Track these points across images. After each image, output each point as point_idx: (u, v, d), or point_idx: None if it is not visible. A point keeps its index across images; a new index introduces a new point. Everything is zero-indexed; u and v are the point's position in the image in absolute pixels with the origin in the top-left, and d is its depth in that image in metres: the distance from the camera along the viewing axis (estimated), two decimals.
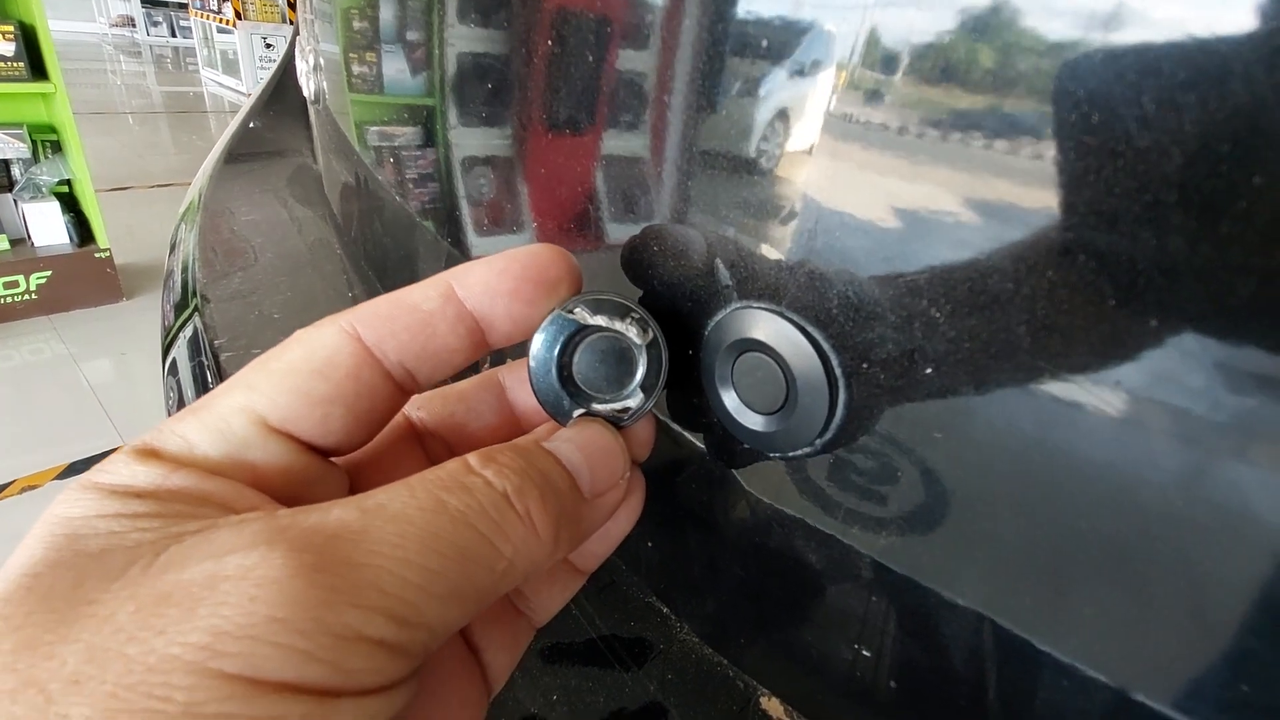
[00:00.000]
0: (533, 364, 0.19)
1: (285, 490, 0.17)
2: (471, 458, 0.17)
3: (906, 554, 0.19)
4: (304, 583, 0.13)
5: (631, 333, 0.20)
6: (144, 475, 0.15)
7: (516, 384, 0.23)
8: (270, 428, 0.17)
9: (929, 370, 0.16)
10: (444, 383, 0.21)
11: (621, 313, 0.19)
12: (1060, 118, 0.13)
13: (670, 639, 0.30)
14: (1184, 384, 0.13)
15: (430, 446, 0.22)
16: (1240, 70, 0.11)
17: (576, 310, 0.19)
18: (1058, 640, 0.16)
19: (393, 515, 0.15)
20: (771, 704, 0.27)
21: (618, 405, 0.20)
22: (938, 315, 0.15)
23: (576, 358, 0.20)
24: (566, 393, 0.20)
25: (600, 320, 0.19)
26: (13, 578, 0.13)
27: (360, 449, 0.19)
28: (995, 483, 0.16)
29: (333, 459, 0.19)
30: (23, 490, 1.59)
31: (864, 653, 0.21)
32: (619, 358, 0.20)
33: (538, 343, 0.19)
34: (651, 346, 0.20)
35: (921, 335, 0.15)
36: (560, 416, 0.20)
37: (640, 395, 0.20)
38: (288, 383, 0.17)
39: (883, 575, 0.20)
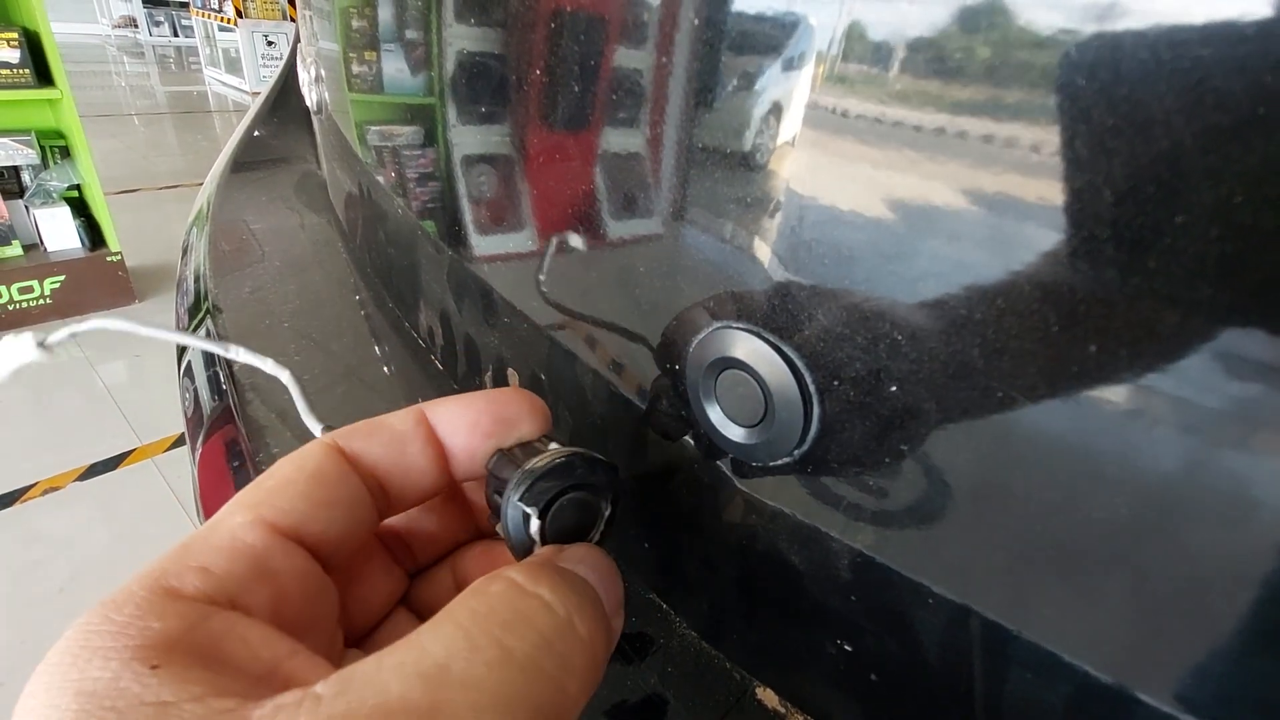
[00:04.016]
0: (513, 539, 0.20)
1: (301, 602, 0.17)
2: (517, 576, 0.16)
3: (885, 549, 0.20)
4: None
5: (597, 481, 0.20)
6: (163, 626, 0.14)
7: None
8: (282, 534, 0.17)
9: (894, 388, 0.17)
10: None
11: (587, 470, 0.20)
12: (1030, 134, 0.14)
13: (670, 633, 0.31)
14: (1138, 398, 0.14)
15: (386, 539, 0.23)
16: (1206, 89, 0.12)
17: (545, 481, 0.19)
18: (1034, 631, 0.17)
19: (459, 681, 0.13)
20: (766, 694, 0.28)
21: (591, 538, 0.21)
22: (900, 338, 0.16)
23: (549, 522, 0.20)
24: (543, 543, 0.20)
25: (569, 483, 0.20)
26: None
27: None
28: (965, 484, 0.18)
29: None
30: (45, 492, 1.63)
31: (846, 646, 0.22)
32: (586, 509, 0.20)
33: (514, 517, 0.19)
34: (613, 485, 0.20)
35: (886, 356, 0.17)
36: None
37: (604, 525, 0.21)
38: (290, 491, 0.17)
39: (864, 570, 0.21)
